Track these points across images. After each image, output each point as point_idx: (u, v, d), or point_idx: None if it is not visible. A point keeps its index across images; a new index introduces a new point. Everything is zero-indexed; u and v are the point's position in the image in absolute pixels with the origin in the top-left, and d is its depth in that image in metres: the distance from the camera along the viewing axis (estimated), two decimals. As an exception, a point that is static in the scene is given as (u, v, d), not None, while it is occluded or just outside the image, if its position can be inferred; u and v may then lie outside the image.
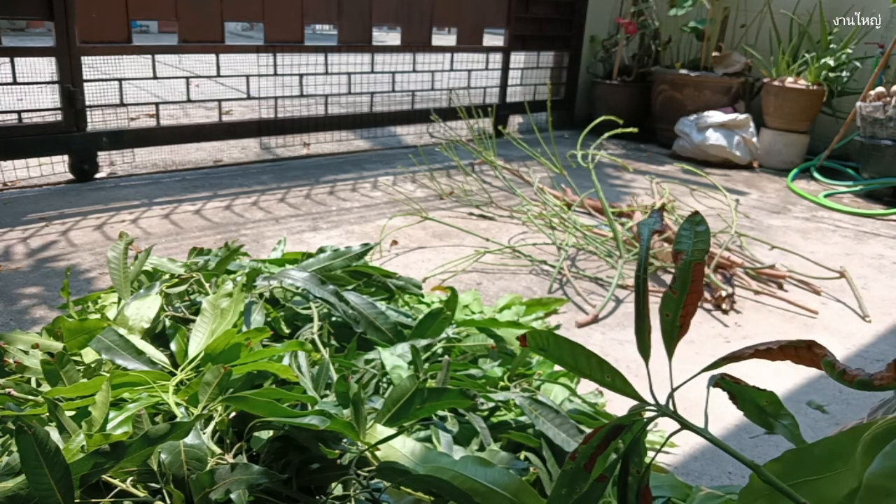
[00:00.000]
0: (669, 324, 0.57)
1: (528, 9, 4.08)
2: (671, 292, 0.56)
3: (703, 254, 0.56)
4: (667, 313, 0.57)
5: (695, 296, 0.56)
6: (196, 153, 3.28)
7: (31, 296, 1.70)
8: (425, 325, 1.27)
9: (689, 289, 0.56)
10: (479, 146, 2.83)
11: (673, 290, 0.56)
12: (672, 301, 0.56)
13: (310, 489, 0.87)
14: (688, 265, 0.56)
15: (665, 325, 0.57)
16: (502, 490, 0.75)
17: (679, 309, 0.56)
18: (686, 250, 0.57)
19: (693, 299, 0.56)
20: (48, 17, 2.49)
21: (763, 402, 0.56)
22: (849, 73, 3.65)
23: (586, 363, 0.58)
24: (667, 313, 0.57)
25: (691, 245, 0.57)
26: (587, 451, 0.57)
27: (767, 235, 2.54)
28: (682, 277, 0.56)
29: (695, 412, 1.36)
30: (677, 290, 0.56)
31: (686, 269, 0.56)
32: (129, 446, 0.76)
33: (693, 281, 0.56)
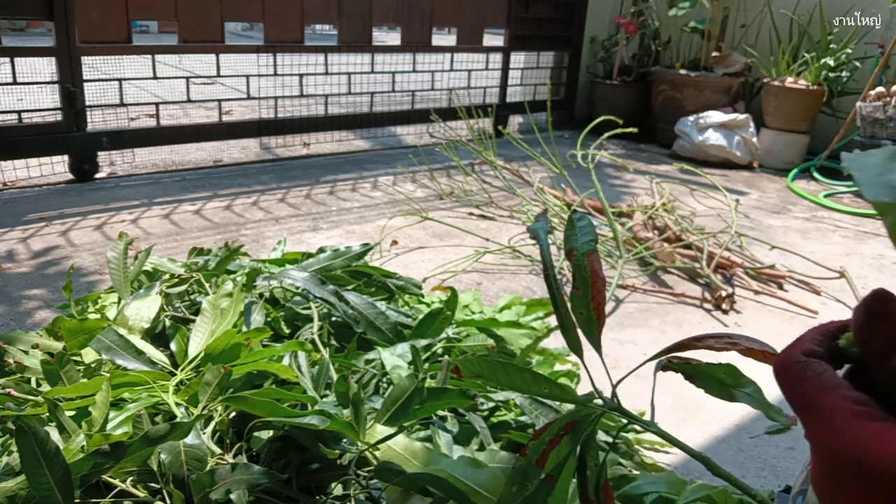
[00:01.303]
0: (586, 320, 0.58)
1: (528, 9, 4.08)
2: (576, 289, 0.57)
3: (593, 244, 0.58)
4: (580, 311, 0.58)
5: (599, 284, 0.57)
6: (196, 153, 3.29)
7: (30, 296, 1.70)
8: (425, 325, 1.27)
9: (591, 280, 0.57)
10: (479, 146, 2.83)
11: (576, 286, 0.57)
12: (580, 297, 0.57)
13: (310, 489, 0.87)
14: (581, 259, 0.58)
15: (581, 322, 0.58)
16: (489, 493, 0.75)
17: (589, 303, 0.57)
18: (576, 246, 0.58)
19: (599, 288, 0.57)
20: (48, 17, 2.49)
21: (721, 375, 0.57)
22: (849, 73, 3.65)
23: (521, 379, 0.59)
24: (580, 311, 0.58)
25: (579, 240, 0.58)
26: (538, 447, 0.57)
27: (767, 235, 2.54)
28: (580, 273, 0.57)
29: (695, 411, 1.36)
30: (580, 286, 0.57)
31: (581, 264, 0.57)
32: (129, 446, 0.76)
33: (593, 272, 0.57)
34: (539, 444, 0.57)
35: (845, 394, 0.30)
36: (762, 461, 1.22)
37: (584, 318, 0.58)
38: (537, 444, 0.57)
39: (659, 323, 1.76)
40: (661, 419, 1.32)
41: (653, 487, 0.81)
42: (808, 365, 0.33)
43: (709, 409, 1.37)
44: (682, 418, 1.34)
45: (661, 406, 1.37)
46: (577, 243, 0.58)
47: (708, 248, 2.10)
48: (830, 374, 0.32)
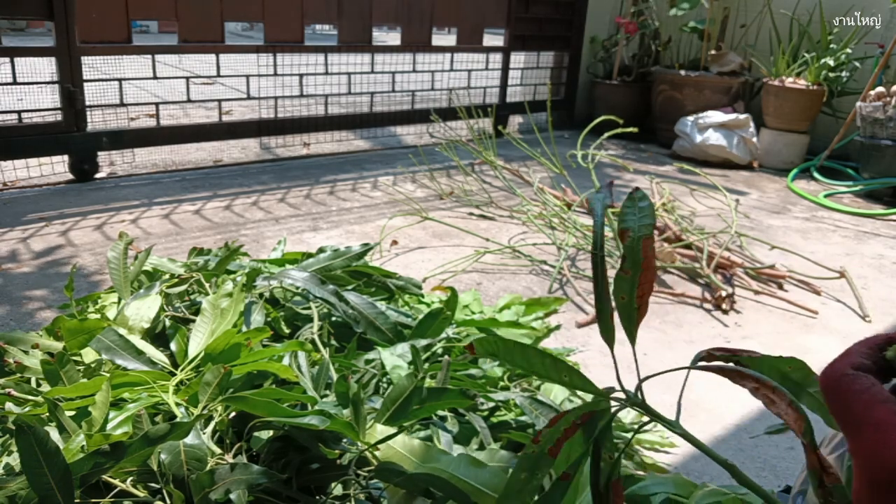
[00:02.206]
0: (626, 306, 0.55)
1: (528, 9, 4.08)
2: (623, 272, 0.54)
3: (650, 229, 0.54)
4: (622, 295, 0.54)
5: (649, 272, 0.54)
6: (196, 153, 3.28)
7: (30, 296, 1.70)
8: (425, 325, 1.27)
9: (641, 266, 0.54)
10: (479, 146, 2.83)
11: (625, 269, 0.54)
12: (625, 281, 0.54)
13: (310, 489, 0.87)
14: (636, 241, 0.54)
15: (622, 307, 0.55)
16: (493, 491, 0.75)
17: (634, 289, 0.54)
18: (632, 227, 0.55)
19: (648, 277, 0.54)
20: (48, 17, 2.49)
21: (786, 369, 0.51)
22: (849, 73, 3.65)
23: (541, 364, 0.56)
24: (622, 295, 0.54)
25: (637, 221, 0.55)
26: (552, 435, 0.54)
27: (767, 235, 2.54)
28: (631, 256, 0.54)
29: (695, 411, 1.36)
30: (629, 270, 0.54)
31: (635, 247, 0.54)
32: (129, 446, 0.76)
33: (644, 258, 0.54)
34: (553, 433, 0.54)
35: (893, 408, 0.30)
36: (762, 461, 1.22)
37: (626, 304, 0.54)
38: (551, 431, 0.54)
39: (659, 323, 1.76)
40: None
41: (661, 488, 0.81)
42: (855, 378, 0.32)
43: (709, 409, 1.37)
44: (683, 418, 1.33)
45: (661, 406, 1.37)
46: (634, 224, 0.54)
47: (708, 248, 2.10)
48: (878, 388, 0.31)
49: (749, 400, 1.41)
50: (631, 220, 0.55)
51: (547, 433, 0.54)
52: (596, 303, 0.56)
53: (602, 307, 0.55)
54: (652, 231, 0.54)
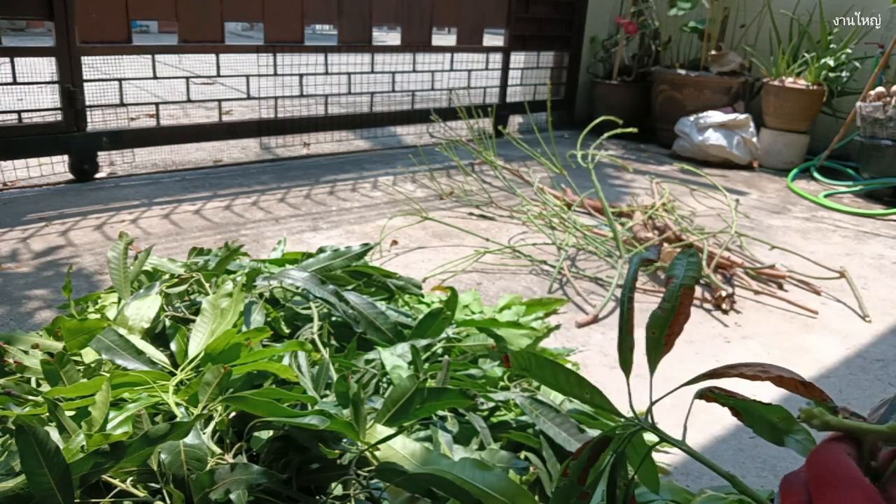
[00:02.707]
0: (655, 341, 0.59)
1: (528, 9, 4.08)
2: (660, 311, 0.58)
3: (693, 281, 0.59)
4: (653, 330, 0.59)
5: (682, 317, 0.58)
6: (196, 153, 3.29)
7: (30, 296, 1.70)
8: (425, 325, 1.27)
9: (677, 311, 0.58)
10: (479, 146, 2.83)
11: (662, 309, 0.58)
12: (660, 319, 0.58)
13: (310, 489, 0.87)
14: (678, 288, 0.58)
15: (650, 341, 0.59)
16: (498, 494, 0.75)
17: (665, 328, 0.58)
18: (678, 275, 0.59)
19: (680, 320, 0.58)
20: (48, 17, 2.49)
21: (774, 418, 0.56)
22: (849, 73, 3.65)
23: (566, 382, 0.60)
24: (653, 330, 0.59)
25: (683, 272, 0.59)
26: (579, 466, 0.59)
27: (767, 235, 2.54)
28: (671, 298, 0.58)
29: (695, 411, 1.36)
30: (666, 311, 0.58)
31: (676, 292, 0.58)
32: (129, 446, 0.76)
33: (681, 304, 0.58)
34: (579, 463, 0.58)
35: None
36: (762, 461, 1.22)
37: (655, 339, 0.59)
38: (578, 463, 0.58)
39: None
40: (662, 420, 1.31)
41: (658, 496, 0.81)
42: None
43: (709, 410, 1.36)
44: (683, 418, 1.33)
45: (661, 406, 1.37)
46: (679, 273, 0.59)
47: (708, 248, 2.10)
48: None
49: (749, 400, 1.41)
50: (678, 270, 0.60)
51: (574, 465, 0.59)
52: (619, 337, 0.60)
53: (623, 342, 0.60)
54: (694, 283, 0.59)
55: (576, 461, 0.59)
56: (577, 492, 0.58)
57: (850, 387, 1.50)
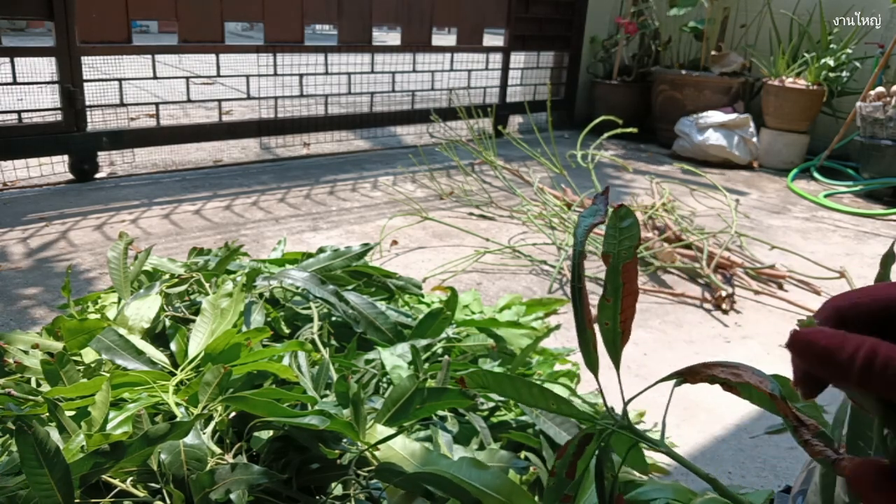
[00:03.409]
0: (610, 332, 0.54)
1: (528, 9, 4.08)
2: (605, 300, 0.53)
3: (632, 252, 0.52)
4: (605, 322, 0.54)
5: (630, 298, 0.53)
6: (196, 153, 3.29)
7: (30, 296, 1.70)
8: (425, 325, 1.27)
9: (622, 292, 0.52)
10: (479, 146, 2.83)
11: (606, 297, 0.53)
12: (608, 309, 0.53)
13: (310, 489, 0.87)
14: (615, 269, 0.52)
15: (606, 333, 0.54)
16: (495, 493, 0.75)
17: (617, 315, 0.53)
18: (613, 251, 0.52)
19: (630, 302, 0.53)
20: (48, 17, 2.49)
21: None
22: (849, 73, 3.65)
23: (528, 393, 0.57)
24: (605, 322, 0.54)
25: (617, 245, 0.52)
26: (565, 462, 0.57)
27: (767, 235, 2.54)
28: (612, 282, 0.52)
29: (695, 411, 1.36)
30: (610, 297, 0.53)
31: (615, 273, 0.52)
32: (129, 446, 0.76)
33: (625, 283, 0.52)
34: (565, 460, 0.56)
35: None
36: (762, 461, 1.22)
37: (609, 330, 0.54)
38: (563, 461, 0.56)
39: (659, 323, 1.76)
40: (661, 417, 1.31)
41: (660, 494, 0.81)
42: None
43: (709, 410, 1.37)
44: (683, 418, 1.34)
45: (661, 406, 1.37)
46: (615, 249, 0.53)
47: (708, 248, 2.10)
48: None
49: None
50: (611, 244, 0.53)
51: (559, 463, 0.57)
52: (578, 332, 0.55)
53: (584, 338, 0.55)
54: (633, 254, 0.52)
55: (561, 459, 0.57)
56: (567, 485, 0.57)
57: (850, 387, 1.50)
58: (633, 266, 0.52)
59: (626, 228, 0.53)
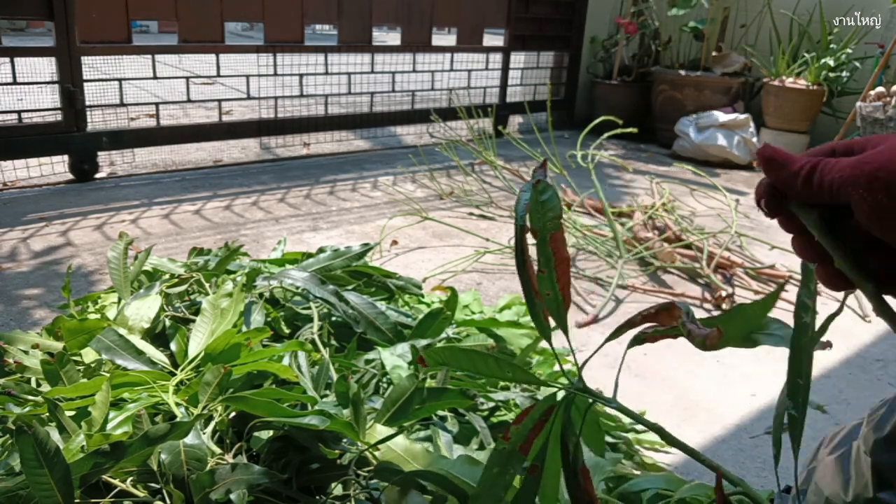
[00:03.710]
0: (553, 300, 0.57)
1: (528, 9, 4.08)
2: (540, 272, 0.56)
3: (556, 222, 0.55)
4: (546, 292, 0.56)
5: (563, 265, 0.55)
6: (196, 153, 3.29)
7: (30, 296, 1.70)
8: (425, 325, 1.27)
9: (554, 262, 0.55)
10: (479, 146, 2.83)
11: (540, 269, 0.56)
12: (545, 280, 0.56)
13: (310, 489, 0.87)
14: (543, 240, 0.55)
15: (549, 303, 0.57)
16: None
17: (554, 283, 0.56)
18: (538, 226, 0.55)
19: (563, 269, 0.55)
20: (48, 17, 2.49)
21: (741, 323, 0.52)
22: (849, 73, 3.65)
23: (484, 365, 0.59)
24: (546, 292, 0.56)
25: (542, 219, 0.55)
26: (522, 432, 0.56)
27: (767, 235, 2.54)
28: (543, 253, 0.55)
29: (695, 411, 1.36)
30: (544, 269, 0.56)
31: (544, 244, 0.55)
32: (129, 446, 0.76)
33: (555, 252, 0.55)
34: (522, 430, 0.56)
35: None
36: (762, 461, 1.22)
37: (552, 299, 0.56)
38: (520, 429, 0.56)
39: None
40: (661, 419, 1.32)
41: (650, 484, 0.82)
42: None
43: (709, 410, 1.37)
44: (683, 418, 1.34)
45: (661, 406, 1.37)
46: (540, 223, 0.55)
47: (708, 248, 2.10)
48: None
49: (749, 400, 1.41)
50: (537, 220, 0.55)
51: (515, 430, 0.56)
52: (527, 305, 0.58)
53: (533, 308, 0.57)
54: (558, 224, 0.55)
55: (517, 426, 0.56)
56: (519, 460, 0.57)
57: (849, 387, 1.50)
58: (560, 235, 0.55)
59: (547, 201, 0.55)
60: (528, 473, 0.57)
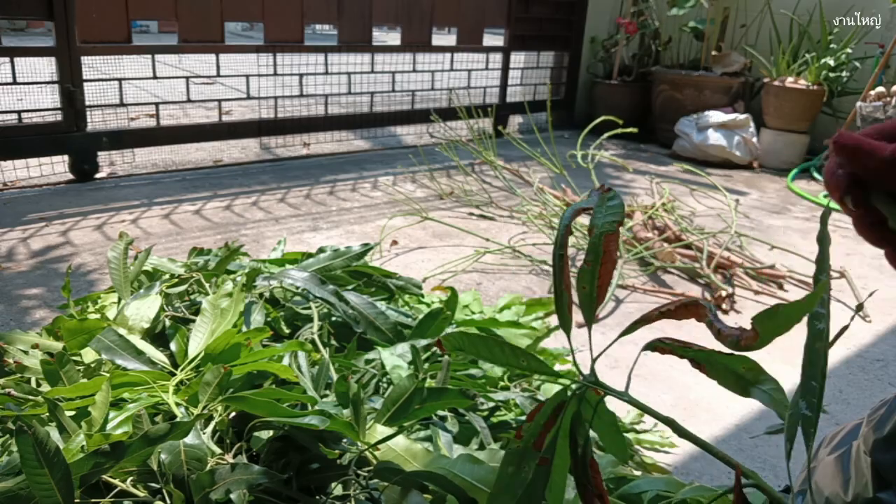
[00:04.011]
0: (587, 296, 0.58)
1: (528, 9, 4.08)
2: (585, 265, 0.58)
3: (614, 226, 0.57)
4: (583, 286, 0.58)
5: (609, 266, 0.57)
6: (196, 153, 3.29)
7: (30, 296, 1.70)
8: (425, 325, 1.27)
9: (601, 260, 0.57)
10: (479, 146, 2.83)
11: (587, 262, 0.58)
12: (587, 273, 0.58)
13: (310, 489, 0.87)
14: (599, 238, 0.57)
15: (583, 297, 0.59)
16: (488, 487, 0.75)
17: (595, 280, 0.58)
18: (598, 224, 0.58)
19: (607, 269, 0.58)
20: (48, 17, 2.49)
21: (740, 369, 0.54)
22: (849, 73, 3.65)
23: (501, 353, 0.60)
24: (583, 286, 0.58)
25: (603, 219, 0.58)
26: (534, 429, 0.57)
27: (767, 235, 2.54)
28: (594, 250, 0.57)
29: (695, 411, 1.36)
30: (591, 262, 0.57)
31: (598, 242, 0.57)
32: (129, 446, 0.76)
33: (605, 252, 0.57)
34: (534, 427, 0.57)
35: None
36: (762, 461, 1.22)
37: (586, 294, 0.58)
38: (532, 426, 0.57)
39: (659, 323, 1.76)
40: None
41: (651, 486, 0.82)
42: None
43: (709, 409, 1.37)
44: (683, 418, 1.34)
45: (661, 406, 1.37)
46: (601, 221, 0.58)
47: (708, 248, 2.10)
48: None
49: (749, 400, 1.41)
50: (599, 218, 0.58)
51: (528, 427, 0.57)
52: (555, 296, 0.60)
53: (560, 300, 0.59)
54: (616, 228, 0.57)
55: (530, 423, 0.57)
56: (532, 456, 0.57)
57: (850, 387, 1.50)
58: (615, 238, 0.57)
59: (612, 206, 0.59)
60: (539, 465, 0.58)
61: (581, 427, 0.58)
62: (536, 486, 0.58)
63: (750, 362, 0.53)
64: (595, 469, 0.58)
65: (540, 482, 0.58)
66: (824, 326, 0.52)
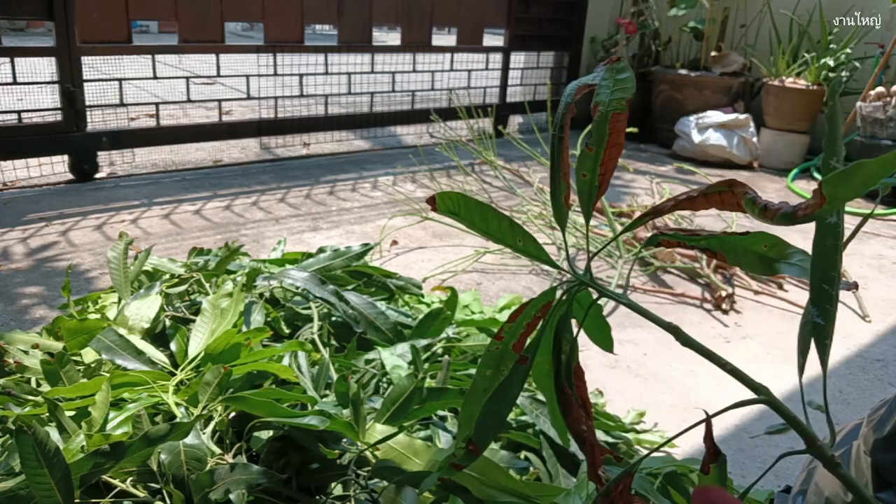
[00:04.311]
0: (587, 184, 0.51)
1: (528, 9, 4.08)
2: (587, 149, 0.50)
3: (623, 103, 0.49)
4: (584, 173, 0.51)
5: (614, 150, 0.50)
6: (196, 153, 3.29)
7: (30, 295, 1.70)
8: (425, 325, 1.27)
9: (606, 143, 0.49)
10: (479, 146, 2.83)
11: (589, 146, 0.50)
12: (589, 159, 0.50)
13: (310, 489, 0.87)
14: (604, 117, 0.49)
15: (582, 185, 0.51)
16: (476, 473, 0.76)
17: (597, 167, 0.50)
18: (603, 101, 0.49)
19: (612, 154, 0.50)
20: (48, 17, 2.49)
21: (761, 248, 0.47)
22: (849, 73, 3.65)
23: (497, 226, 0.53)
24: (584, 173, 0.51)
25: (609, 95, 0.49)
26: (515, 330, 0.52)
27: (767, 235, 2.54)
28: (598, 131, 0.49)
29: (695, 412, 1.36)
30: (593, 146, 0.49)
31: (602, 122, 0.49)
32: (129, 446, 0.76)
33: (611, 134, 0.49)
34: (516, 328, 0.52)
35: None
36: (762, 461, 1.22)
37: (587, 182, 0.51)
38: (514, 326, 0.52)
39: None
40: (661, 419, 1.32)
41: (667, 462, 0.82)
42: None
43: (709, 409, 1.37)
44: (683, 418, 1.34)
45: (661, 406, 1.37)
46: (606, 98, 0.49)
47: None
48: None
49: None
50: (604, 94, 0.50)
51: (509, 328, 0.52)
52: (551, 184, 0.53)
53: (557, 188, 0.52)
54: (624, 105, 0.49)
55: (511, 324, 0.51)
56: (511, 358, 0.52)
57: (849, 387, 1.50)
58: (623, 118, 0.49)
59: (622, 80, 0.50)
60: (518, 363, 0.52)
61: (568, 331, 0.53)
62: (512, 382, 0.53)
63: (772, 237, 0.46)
64: (580, 377, 0.53)
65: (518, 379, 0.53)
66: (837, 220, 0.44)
